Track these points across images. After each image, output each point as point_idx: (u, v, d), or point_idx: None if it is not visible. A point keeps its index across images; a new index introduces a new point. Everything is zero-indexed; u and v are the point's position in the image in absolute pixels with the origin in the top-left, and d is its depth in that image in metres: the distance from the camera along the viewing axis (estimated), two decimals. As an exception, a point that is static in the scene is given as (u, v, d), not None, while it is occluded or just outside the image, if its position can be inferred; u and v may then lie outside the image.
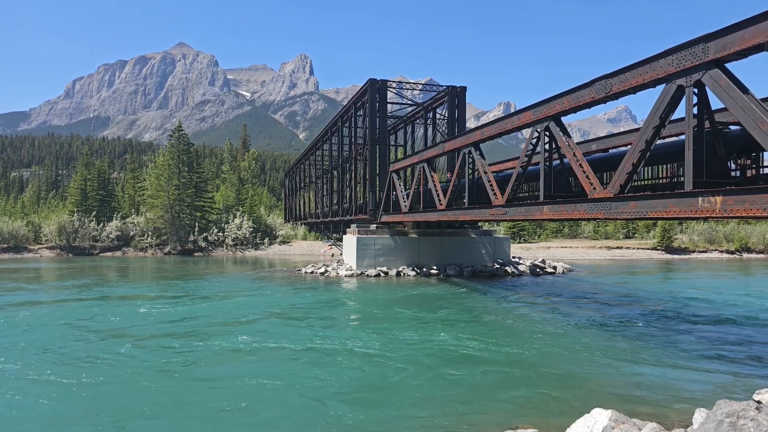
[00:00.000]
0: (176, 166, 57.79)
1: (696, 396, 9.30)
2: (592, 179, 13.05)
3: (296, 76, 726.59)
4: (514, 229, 62.13)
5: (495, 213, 18.31)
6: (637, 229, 67.04)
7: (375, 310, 18.45)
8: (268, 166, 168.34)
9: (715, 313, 18.29)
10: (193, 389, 9.63)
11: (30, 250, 52.78)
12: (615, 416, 6.76)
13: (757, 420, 5.64)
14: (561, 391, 9.52)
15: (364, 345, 13.07)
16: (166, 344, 13.07)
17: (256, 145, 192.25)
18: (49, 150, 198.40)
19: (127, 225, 57.24)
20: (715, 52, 9.46)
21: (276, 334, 14.26)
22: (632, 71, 11.62)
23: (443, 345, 13.14)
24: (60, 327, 15.24)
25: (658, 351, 12.66)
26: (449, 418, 8.24)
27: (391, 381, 10.17)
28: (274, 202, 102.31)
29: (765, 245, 55.60)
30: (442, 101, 37.65)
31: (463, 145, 21.16)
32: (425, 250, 31.73)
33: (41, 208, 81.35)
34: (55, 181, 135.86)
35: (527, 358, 12.05)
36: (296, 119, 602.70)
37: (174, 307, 18.88)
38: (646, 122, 11.00)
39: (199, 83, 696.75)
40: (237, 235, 57.10)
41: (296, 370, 10.81)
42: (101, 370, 10.76)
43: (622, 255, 50.86)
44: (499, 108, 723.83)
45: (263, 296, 22.12)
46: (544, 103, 15.09)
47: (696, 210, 9.96)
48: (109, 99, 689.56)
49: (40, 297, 21.77)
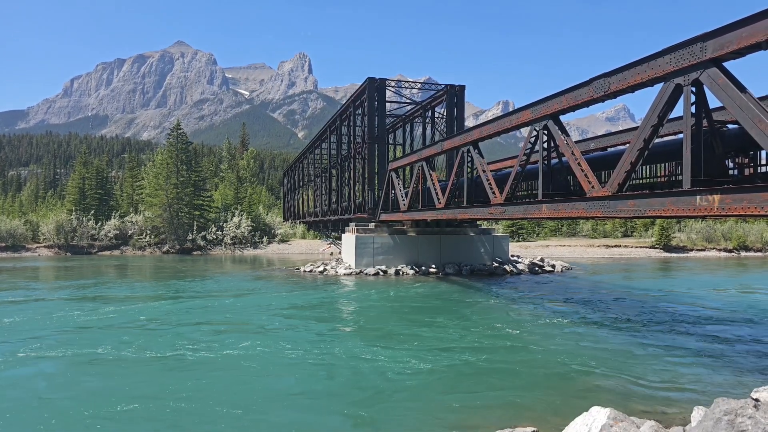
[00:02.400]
0: (175, 164, 57.71)
1: (694, 394, 9.32)
2: (590, 178, 13.06)
3: (295, 74, 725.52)
4: (513, 227, 62.20)
5: (494, 212, 18.33)
6: (635, 228, 67.12)
7: (373, 309, 18.46)
8: (267, 164, 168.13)
9: (714, 311, 18.33)
10: (189, 390, 9.62)
11: (28, 249, 52.69)
12: (614, 414, 6.78)
13: (755, 418, 5.66)
14: (560, 390, 9.54)
15: (362, 344, 13.08)
16: (159, 344, 13.06)
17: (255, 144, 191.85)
18: (47, 149, 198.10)
19: (126, 224, 57.18)
20: (712, 51, 9.47)
21: (272, 334, 14.26)
22: (630, 70, 11.64)
23: (442, 344, 13.15)
24: (49, 324, 15.22)
25: (656, 349, 12.68)
26: (448, 417, 8.25)
27: (389, 380, 10.18)
28: (272, 201, 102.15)
29: (763, 243, 55.74)
30: (441, 100, 37.64)
31: (462, 144, 21.17)
32: (424, 249, 31.75)
33: (39, 207, 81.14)
34: (53, 179, 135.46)
35: (526, 356, 12.06)
36: (295, 118, 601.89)
37: (170, 307, 18.87)
38: (645, 121, 11.01)
39: (197, 82, 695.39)
40: (236, 234, 57.04)
41: (292, 370, 10.81)
42: (96, 371, 10.76)
43: (621, 253, 50.93)
44: (498, 107, 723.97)
45: (261, 295, 22.12)
46: (543, 101, 15.09)
47: (694, 208, 9.98)
48: (108, 98, 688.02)
49: (33, 295, 21.74)
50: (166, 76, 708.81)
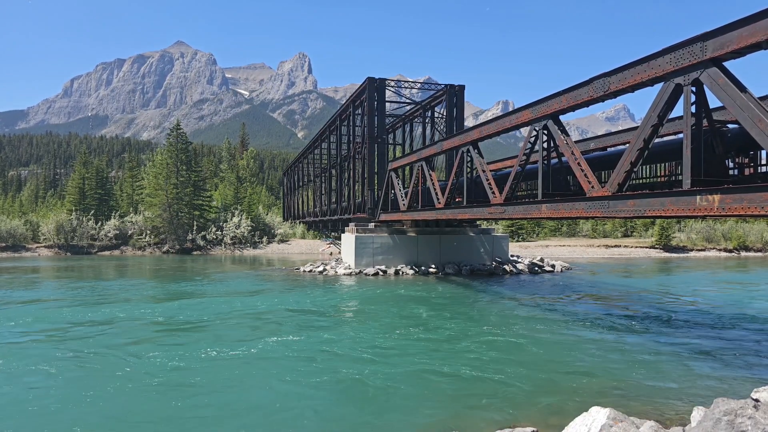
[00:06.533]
0: (174, 164, 57.71)
1: (694, 394, 9.30)
2: (590, 178, 13.05)
3: (295, 74, 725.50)
4: (513, 227, 62.20)
5: (493, 211, 18.32)
6: (635, 228, 67.13)
7: (372, 309, 18.44)
8: (267, 164, 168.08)
9: (714, 310, 18.32)
10: (184, 390, 9.60)
11: (28, 249, 52.67)
12: (613, 414, 6.76)
13: (755, 418, 5.65)
14: (559, 390, 9.53)
15: (361, 344, 13.06)
16: (156, 345, 13.04)
17: (255, 144, 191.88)
18: (47, 149, 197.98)
19: (126, 224, 57.18)
20: (713, 51, 9.46)
21: (271, 333, 14.24)
22: (630, 70, 11.63)
23: (441, 343, 13.14)
24: (38, 327, 15.21)
25: (656, 349, 12.67)
26: (447, 417, 8.23)
27: (389, 380, 10.16)
28: (272, 201, 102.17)
29: (763, 243, 55.75)
30: (441, 100, 37.62)
31: (462, 144, 21.15)
32: (424, 249, 31.73)
33: (39, 207, 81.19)
34: (53, 179, 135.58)
35: (526, 356, 12.05)
36: (295, 118, 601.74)
37: (169, 307, 18.85)
38: (644, 121, 11.00)
39: (197, 82, 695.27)
40: (235, 234, 57.04)
41: (291, 370, 10.79)
42: (88, 371, 10.74)
43: (621, 253, 50.92)
44: (498, 106, 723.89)
45: (260, 295, 22.10)
46: (543, 101, 15.08)
47: (694, 208, 9.97)
48: (108, 98, 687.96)
49: (30, 296, 21.73)
50: (166, 76, 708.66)
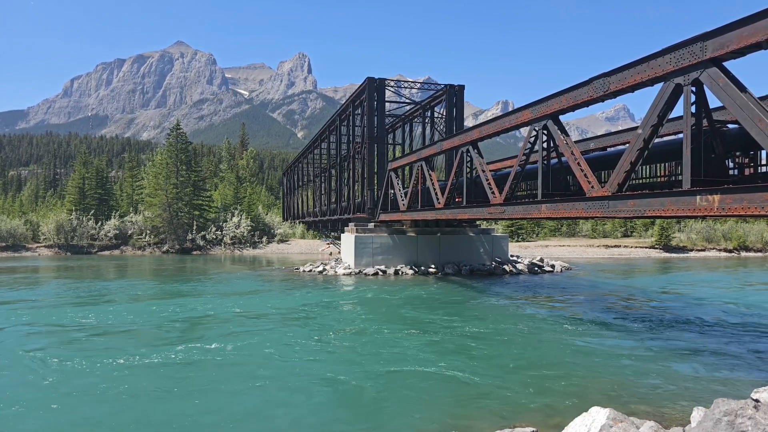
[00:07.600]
0: (174, 164, 57.68)
1: (694, 394, 9.30)
2: (590, 178, 13.04)
3: (294, 74, 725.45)
4: (513, 227, 62.18)
5: (493, 211, 18.31)
6: (635, 228, 67.11)
7: (372, 309, 18.43)
8: (267, 164, 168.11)
9: (714, 311, 18.31)
10: (179, 393, 9.59)
11: (28, 249, 52.66)
12: (613, 414, 6.75)
13: (755, 419, 5.64)
14: (559, 390, 9.51)
15: (360, 344, 13.06)
16: (154, 346, 13.03)
17: (255, 144, 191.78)
18: (47, 149, 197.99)
19: (125, 224, 57.15)
20: (713, 51, 9.45)
21: (270, 333, 14.23)
22: (630, 70, 11.62)
23: (440, 343, 13.13)
24: (42, 326, 15.20)
25: (656, 348, 12.66)
26: (446, 417, 8.22)
27: (388, 380, 10.15)
28: (272, 201, 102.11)
29: (763, 243, 55.73)
30: (441, 100, 37.60)
31: (461, 144, 21.14)
32: (423, 249, 31.72)
33: (39, 207, 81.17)
34: (53, 179, 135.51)
35: (525, 356, 12.04)
36: (294, 118, 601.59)
37: (167, 307, 18.84)
38: (644, 121, 10.99)
39: (197, 82, 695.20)
40: (235, 234, 57.01)
41: (290, 370, 10.79)
42: (86, 372, 10.73)
43: (620, 254, 50.92)
44: (498, 106, 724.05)
45: (260, 295, 22.09)
46: (543, 101, 15.07)
47: (694, 209, 9.96)
48: (107, 98, 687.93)
49: (31, 296, 21.72)
50: (166, 76, 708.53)
